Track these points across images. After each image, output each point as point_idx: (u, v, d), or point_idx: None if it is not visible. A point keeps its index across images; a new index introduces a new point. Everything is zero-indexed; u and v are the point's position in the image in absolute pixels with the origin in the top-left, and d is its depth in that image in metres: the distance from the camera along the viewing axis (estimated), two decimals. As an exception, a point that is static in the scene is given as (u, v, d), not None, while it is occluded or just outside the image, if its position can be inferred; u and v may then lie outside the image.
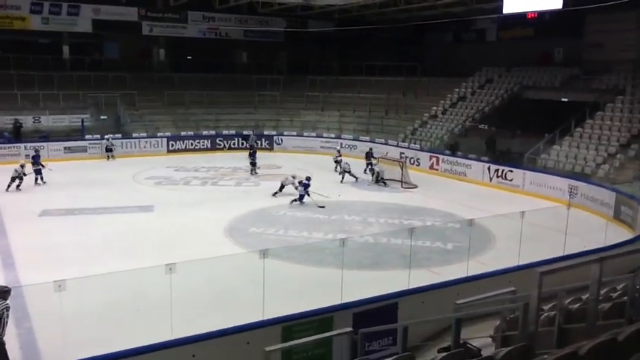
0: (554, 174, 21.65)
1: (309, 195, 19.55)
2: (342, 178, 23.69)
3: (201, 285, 11.29)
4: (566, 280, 7.31)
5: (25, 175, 21.11)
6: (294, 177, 21.04)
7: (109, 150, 28.71)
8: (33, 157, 22.42)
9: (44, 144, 26.82)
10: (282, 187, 20.84)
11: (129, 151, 29.62)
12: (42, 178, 22.09)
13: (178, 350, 7.72)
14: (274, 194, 20.69)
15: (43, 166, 22.22)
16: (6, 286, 8.27)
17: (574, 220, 14.39)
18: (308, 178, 20.19)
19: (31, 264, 13.18)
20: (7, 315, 7.84)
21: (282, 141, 32.83)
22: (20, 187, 20.90)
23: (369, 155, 25.64)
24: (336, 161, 25.71)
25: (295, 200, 19.57)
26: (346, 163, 24.28)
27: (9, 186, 20.69)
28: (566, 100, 26.87)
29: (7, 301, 7.92)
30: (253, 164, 25.67)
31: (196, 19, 36.61)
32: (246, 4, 35.09)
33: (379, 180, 23.20)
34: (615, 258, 6.76)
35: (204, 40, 37.66)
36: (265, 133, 33.35)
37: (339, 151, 27.25)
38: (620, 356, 4.58)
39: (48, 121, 30.48)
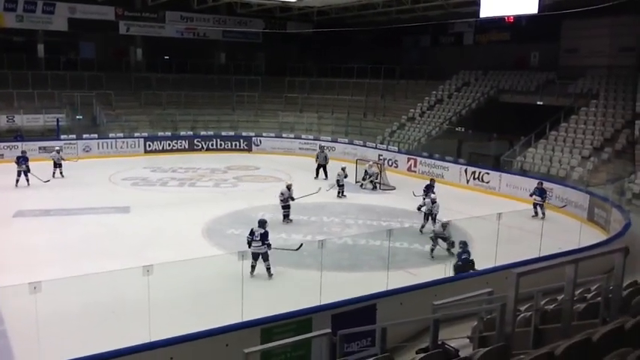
0: (529, 176, 21.94)
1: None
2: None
3: (179, 287, 11.20)
4: (542, 282, 7.42)
5: None
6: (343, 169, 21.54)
7: (57, 165, 23.35)
8: (18, 158, 21.80)
9: (19, 144, 26.36)
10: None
11: (105, 152, 29.29)
12: (27, 180, 21.58)
13: (156, 353, 7.65)
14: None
15: (28, 169, 21.62)
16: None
17: (549, 222, 14.63)
18: (432, 182, 19.36)
19: (5, 266, 12.94)
20: None
21: (260, 142, 32.75)
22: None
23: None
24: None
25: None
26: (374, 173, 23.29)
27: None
28: (541, 103, 27.26)
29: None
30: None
31: (174, 18, 36.30)
32: (225, 4, 34.97)
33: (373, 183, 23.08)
34: (589, 259, 6.87)
35: (182, 40, 37.41)
36: (243, 134, 33.26)
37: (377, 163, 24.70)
38: (594, 356, 4.67)
39: (22, 120, 30.00)
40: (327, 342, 7.17)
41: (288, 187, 17.89)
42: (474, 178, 23.45)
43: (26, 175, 21.64)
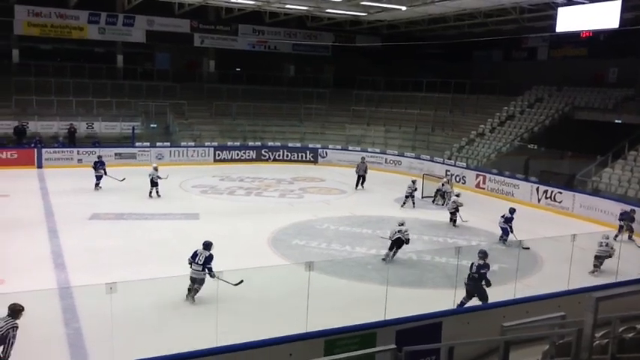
0: (605, 197, 21.01)
1: (512, 231, 16.90)
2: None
3: (245, 294, 11.34)
4: (619, 308, 7.07)
5: None
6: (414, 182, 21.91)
7: (154, 184, 21.93)
8: (95, 163, 23.01)
9: (96, 149, 27.61)
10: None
11: (177, 159, 30.21)
12: (98, 184, 22.66)
13: (221, 358, 7.75)
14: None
15: (105, 172, 22.78)
16: (19, 305, 7.85)
17: (627, 246, 13.96)
18: (512, 211, 17.34)
19: (80, 265, 13.54)
20: (14, 335, 7.61)
21: (326, 154, 32.93)
22: None
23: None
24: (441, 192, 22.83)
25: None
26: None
27: None
28: (620, 121, 26.14)
29: (17, 321, 7.72)
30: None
31: (246, 32, 37.23)
32: (296, 18, 35.54)
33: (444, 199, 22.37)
34: (674, 287, 6.49)
35: (253, 52, 38.25)
36: (310, 145, 33.54)
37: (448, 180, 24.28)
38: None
39: (100, 127, 31.46)
40: (391, 358, 7.07)
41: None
42: (546, 197, 22.68)
43: (100, 179, 22.71)
